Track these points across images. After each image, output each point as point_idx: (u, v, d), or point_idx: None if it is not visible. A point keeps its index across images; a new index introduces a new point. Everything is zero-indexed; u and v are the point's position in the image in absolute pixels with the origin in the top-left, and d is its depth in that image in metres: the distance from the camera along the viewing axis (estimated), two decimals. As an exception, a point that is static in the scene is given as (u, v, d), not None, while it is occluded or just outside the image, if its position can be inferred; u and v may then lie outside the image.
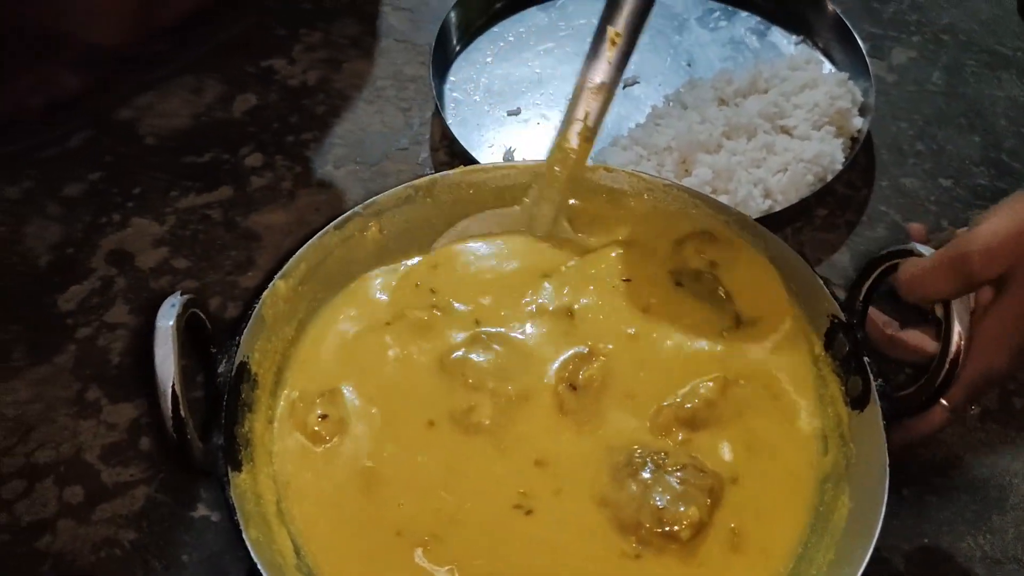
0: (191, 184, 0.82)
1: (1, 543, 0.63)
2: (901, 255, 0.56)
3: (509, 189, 0.67)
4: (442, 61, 0.88)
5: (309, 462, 0.56)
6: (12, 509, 0.64)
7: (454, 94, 0.87)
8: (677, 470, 0.54)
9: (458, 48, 0.90)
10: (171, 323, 0.50)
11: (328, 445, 0.57)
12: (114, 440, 0.67)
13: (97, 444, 0.67)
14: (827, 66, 0.87)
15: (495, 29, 0.92)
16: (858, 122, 0.80)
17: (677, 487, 0.53)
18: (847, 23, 0.86)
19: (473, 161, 0.77)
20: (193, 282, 0.75)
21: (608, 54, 0.63)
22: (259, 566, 0.48)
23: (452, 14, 0.88)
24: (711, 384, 0.58)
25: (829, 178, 0.77)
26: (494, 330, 0.61)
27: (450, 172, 0.67)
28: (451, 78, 0.89)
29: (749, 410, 0.59)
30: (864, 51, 0.84)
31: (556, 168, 0.66)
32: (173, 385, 0.49)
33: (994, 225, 0.52)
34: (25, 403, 0.69)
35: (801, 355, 0.61)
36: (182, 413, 0.49)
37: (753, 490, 0.56)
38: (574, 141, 0.65)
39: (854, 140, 0.80)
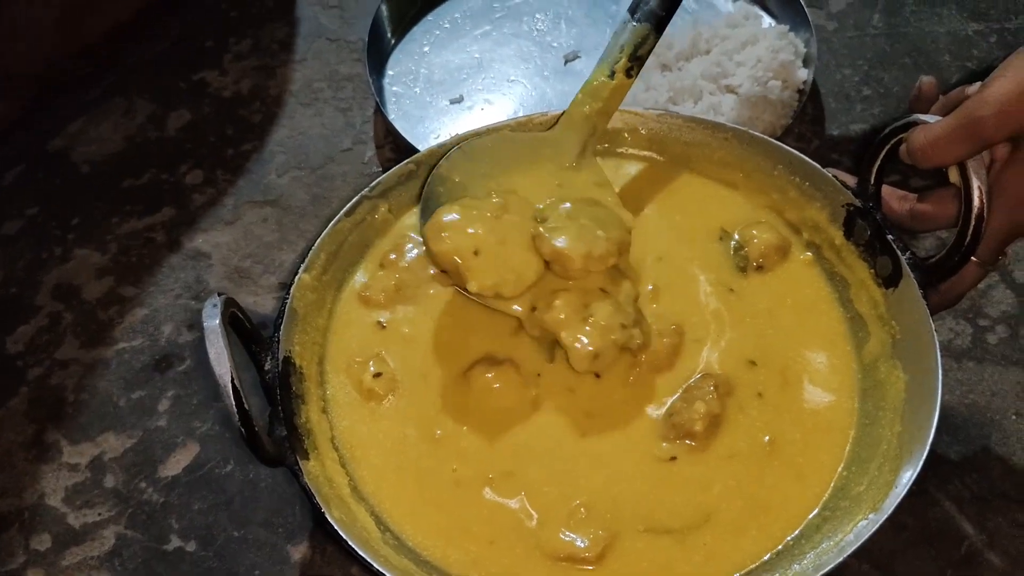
0: (131, 208, 0.79)
1: (-31, 600, 0.61)
2: (907, 127, 0.56)
3: None
4: (378, 56, 0.86)
5: (373, 427, 0.58)
6: (-22, 563, 0.62)
7: (394, 88, 0.85)
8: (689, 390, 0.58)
9: (393, 41, 0.88)
10: (217, 322, 0.50)
11: (386, 403, 0.58)
12: (77, 481, 0.65)
13: (60, 487, 0.65)
14: (766, 20, 0.86)
15: (429, 17, 0.90)
16: (803, 73, 0.79)
17: (686, 401, 0.57)
18: (782, -26, 0.85)
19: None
20: (143, 309, 0.73)
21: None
22: (349, 543, 0.49)
23: (383, 7, 0.86)
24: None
25: (779, 132, 0.76)
26: None
27: (446, 140, 0.65)
28: (389, 72, 0.87)
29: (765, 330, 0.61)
30: (802, 1, 0.82)
31: (589, 103, 0.63)
32: (232, 380, 0.48)
33: (1003, 87, 0.52)
34: (-19, 453, 0.67)
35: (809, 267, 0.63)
36: (246, 406, 0.49)
37: (785, 393, 0.58)
38: (611, 74, 0.63)
39: (800, 92, 0.79)
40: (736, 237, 0.64)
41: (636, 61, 0.63)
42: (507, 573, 0.53)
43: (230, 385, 0.48)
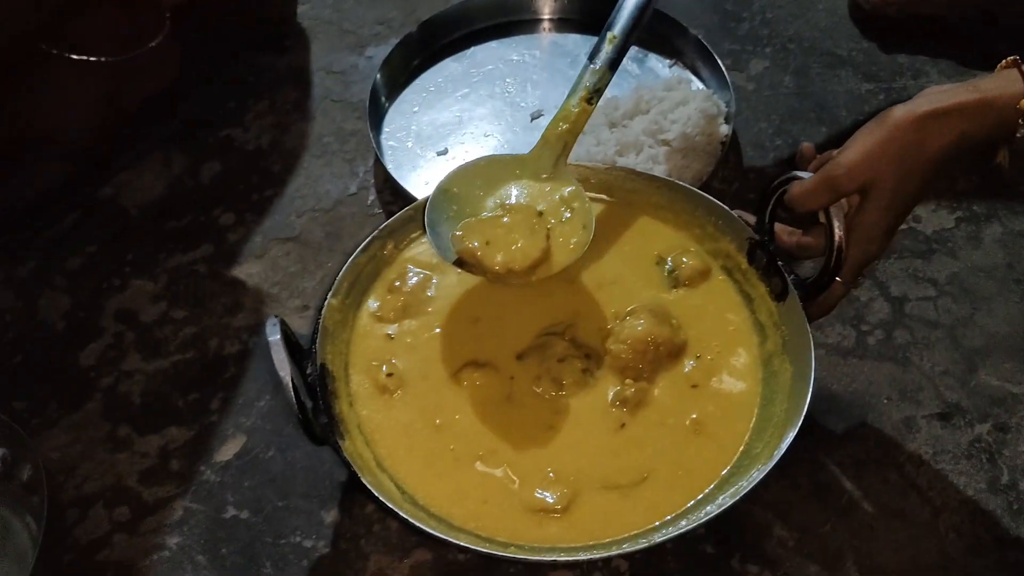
0: (175, 245, 0.96)
1: (68, 561, 0.77)
2: (788, 181, 0.74)
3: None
4: (376, 115, 1.03)
5: (387, 415, 0.74)
6: (72, 532, 0.78)
7: (390, 142, 1.03)
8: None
9: (388, 102, 1.05)
10: (278, 336, 0.66)
11: (396, 396, 0.75)
12: (147, 466, 0.81)
13: (134, 471, 0.81)
14: (696, 83, 1.05)
15: (417, 82, 1.08)
16: (724, 129, 0.97)
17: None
18: (707, 46, 1.03)
19: (413, 199, 0.92)
20: (192, 327, 0.89)
21: (607, 47, 0.81)
22: (380, 498, 0.65)
23: (378, 75, 1.03)
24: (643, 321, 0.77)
25: (705, 177, 0.94)
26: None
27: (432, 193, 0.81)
28: (385, 128, 1.04)
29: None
30: (724, 68, 1.01)
31: (561, 124, 0.81)
32: (292, 380, 0.65)
33: (852, 153, 0.70)
34: (66, 446, 0.83)
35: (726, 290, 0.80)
36: (303, 399, 0.66)
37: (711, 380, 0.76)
38: (577, 103, 0.81)
39: (723, 144, 0.97)
40: (669, 262, 0.82)
41: (596, 93, 0.81)
42: (497, 523, 0.69)
43: (290, 385, 0.65)
